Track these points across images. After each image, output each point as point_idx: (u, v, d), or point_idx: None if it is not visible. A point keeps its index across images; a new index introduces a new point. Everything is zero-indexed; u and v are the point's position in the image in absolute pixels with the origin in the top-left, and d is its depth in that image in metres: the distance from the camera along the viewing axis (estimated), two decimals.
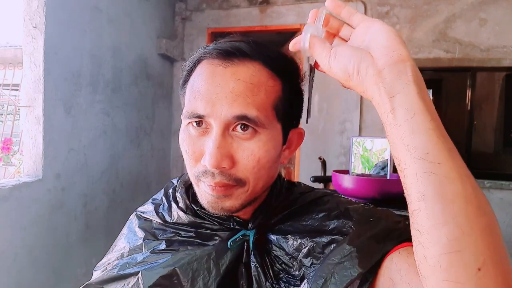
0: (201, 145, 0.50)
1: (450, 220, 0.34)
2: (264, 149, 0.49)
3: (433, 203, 0.34)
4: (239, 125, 0.48)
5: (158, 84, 3.06)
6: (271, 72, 0.51)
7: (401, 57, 0.39)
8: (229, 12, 3.26)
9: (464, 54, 2.79)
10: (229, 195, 0.51)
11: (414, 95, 0.37)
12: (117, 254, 0.60)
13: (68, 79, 1.99)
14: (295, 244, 0.52)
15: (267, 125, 0.49)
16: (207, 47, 0.53)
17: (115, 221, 2.47)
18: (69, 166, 2.02)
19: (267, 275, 0.52)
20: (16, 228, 1.70)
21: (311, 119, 0.50)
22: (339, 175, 1.65)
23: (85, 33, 2.11)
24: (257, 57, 0.51)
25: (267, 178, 0.53)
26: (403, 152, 0.37)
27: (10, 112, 4.33)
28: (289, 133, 0.56)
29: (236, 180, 0.50)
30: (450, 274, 0.33)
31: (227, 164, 0.48)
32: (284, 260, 0.53)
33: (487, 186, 2.73)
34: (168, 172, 3.36)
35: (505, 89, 3.38)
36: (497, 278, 0.33)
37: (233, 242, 0.54)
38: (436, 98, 4.20)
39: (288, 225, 0.55)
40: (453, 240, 0.33)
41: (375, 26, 0.41)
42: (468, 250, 0.33)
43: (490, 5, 2.73)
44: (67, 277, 2.04)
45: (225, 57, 0.50)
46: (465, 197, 0.34)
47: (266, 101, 0.50)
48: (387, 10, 2.93)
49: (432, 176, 0.35)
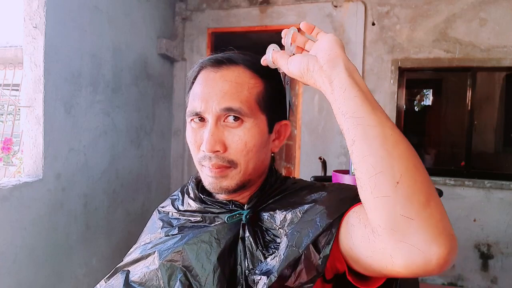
0: (201, 136, 0.63)
1: (373, 152, 0.45)
2: (249, 134, 0.62)
3: (359, 143, 0.47)
4: (228, 116, 0.61)
5: (158, 84, 3.07)
6: (253, 73, 0.64)
7: (336, 54, 0.53)
8: (229, 12, 3.26)
9: (464, 54, 2.79)
10: (224, 176, 0.63)
11: (345, 77, 0.50)
12: (141, 242, 0.73)
13: (68, 79, 1.99)
14: (281, 216, 0.62)
15: (251, 115, 0.62)
16: (204, 59, 0.67)
17: (115, 221, 2.47)
18: (69, 166, 2.02)
19: (258, 244, 0.61)
20: (17, 228, 1.70)
21: (311, 119, 0.59)
22: (339, 175, 1.65)
23: (85, 33, 2.11)
24: (241, 62, 0.64)
25: (256, 161, 0.64)
26: (340, 117, 0.50)
27: (11, 112, 4.34)
28: (276, 124, 0.68)
29: (229, 162, 0.62)
30: (378, 190, 0.44)
31: (220, 148, 0.61)
32: (273, 232, 0.62)
33: (487, 186, 2.73)
34: (168, 172, 3.36)
35: (505, 89, 3.38)
36: (413, 187, 0.43)
37: (230, 218, 0.64)
38: (436, 98, 4.19)
39: (277, 204, 0.65)
40: (375, 165, 0.45)
41: (324, 37, 0.56)
42: (387, 170, 0.44)
43: (490, 5, 2.73)
44: (67, 277, 2.04)
45: (216, 65, 0.64)
46: (384, 136, 0.46)
47: (249, 96, 0.62)
48: (387, 10, 2.93)
49: (358, 127, 0.47)
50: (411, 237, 0.42)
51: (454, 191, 2.79)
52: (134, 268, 0.67)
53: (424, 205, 0.42)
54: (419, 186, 0.43)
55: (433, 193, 0.44)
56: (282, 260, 0.54)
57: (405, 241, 0.42)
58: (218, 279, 0.58)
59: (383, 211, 0.44)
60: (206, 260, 0.60)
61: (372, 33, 2.96)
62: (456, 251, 0.42)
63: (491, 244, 2.76)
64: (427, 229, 0.42)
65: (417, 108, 4.44)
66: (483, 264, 2.79)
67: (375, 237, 0.45)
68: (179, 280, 0.60)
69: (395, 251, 0.43)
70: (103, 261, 2.34)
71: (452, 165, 3.29)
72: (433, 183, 0.46)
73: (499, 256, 2.76)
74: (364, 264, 0.50)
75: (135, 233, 0.82)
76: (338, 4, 3.00)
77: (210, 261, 0.60)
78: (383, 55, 2.93)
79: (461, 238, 2.78)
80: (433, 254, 0.41)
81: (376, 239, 0.45)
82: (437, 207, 0.43)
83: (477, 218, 2.77)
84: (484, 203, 2.75)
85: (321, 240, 0.53)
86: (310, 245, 0.53)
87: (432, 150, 3.74)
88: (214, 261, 0.60)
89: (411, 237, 0.42)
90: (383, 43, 2.93)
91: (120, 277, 0.67)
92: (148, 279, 0.63)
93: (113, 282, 0.67)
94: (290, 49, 0.61)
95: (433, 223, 0.42)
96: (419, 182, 0.44)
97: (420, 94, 4.41)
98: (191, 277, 0.60)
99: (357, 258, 0.51)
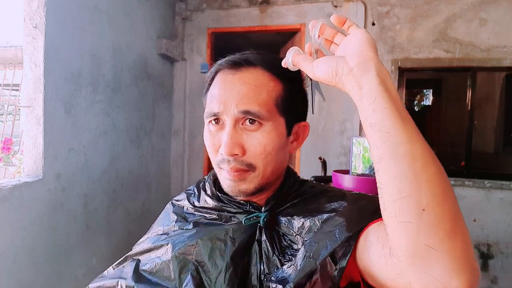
0: (219, 139, 0.62)
1: (400, 174, 0.43)
2: (268, 137, 0.61)
3: (386, 162, 0.44)
4: (246, 119, 0.60)
5: (158, 84, 3.06)
6: (272, 75, 0.62)
7: (367, 57, 0.48)
8: (229, 12, 3.26)
9: (464, 54, 2.79)
10: (243, 179, 0.62)
11: (376, 85, 0.46)
12: (153, 233, 0.73)
13: (68, 79, 1.99)
14: (299, 223, 0.62)
15: (269, 118, 0.60)
16: (221, 60, 0.65)
17: (115, 221, 2.47)
18: (69, 166, 2.02)
19: (274, 249, 0.61)
20: (17, 228, 1.70)
21: (312, 119, 0.56)
22: (339, 175, 1.65)
23: (85, 33, 2.11)
24: (260, 64, 0.62)
25: (275, 164, 0.63)
26: (367, 128, 0.47)
27: (10, 112, 4.34)
28: (294, 126, 0.66)
29: (248, 165, 0.61)
30: (402, 216, 0.42)
31: (238, 151, 0.60)
32: (290, 238, 0.62)
33: (487, 186, 2.73)
34: (168, 172, 3.36)
35: (505, 89, 3.38)
36: (440, 215, 0.41)
37: (247, 220, 0.63)
38: (436, 98, 4.19)
39: (295, 209, 0.65)
40: (402, 189, 0.42)
41: (356, 34, 0.52)
42: (414, 195, 0.41)
43: (490, 5, 2.73)
44: (67, 277, 2.04)
45: (234, 66, 0.63)
46: (413, 156, 0.43)
47: (268, 99, 0.61)
48: (387, 10, 2.93)
49: (386, 143, 0.44)
50: (433, 268, 0.40)
51: (454, 191, 2.79)
52: (145, 258, 0.67)
53: (449, 236, 0.40)
54: (446, 214, 0.41)
55: (460, 222, 0.42)
56: (299, 271, 0.54)
57: (426, 271, 0.41)
58: (230, 278, 0.58)
59: (406, 237, 0.42)
60: (219, 258, 0.60)
61: (372, 33, 2.95)
62: (478, 285, 0.41)
63: (491, 244, 2.76)
64: (450, 261, 0.40)
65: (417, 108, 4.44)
66: (483, 264, 2.79)
67: (393, 260, 0.44)
68: (190, 274, 0.60)
69: (414, 279, 0.42)
70: (103, 261, 2.34)
71: (452, 165, 3.29)
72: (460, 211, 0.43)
73: (499, 256, 2.76)
74: (380, 282, 0.49)
75: (135, 233, 0.82)
76: (338, 4, 3.00)
77: (223, 259, 0.60)
78: (383, 55, 2.93)
79: None
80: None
81: (394, 262, 0.44)
82: (463, 237, 0.41)
83: (477, 218, 2.77)
84: (484, 203, 2.75)
85: (338, 251, 0.52)
86: (328, 257, 0.52)
87: (432, 150, 3.74)
88: (228, 259, 0.60)
89: (433, 269, 0.40)
90: (383, 43, 2.93)
91: (130, 265, 0.67)
92: (159, 269, 0.63)
93: (123, 269, 0.68)
94: (318, 41, 0.57)
95: (457, 255, 0.40)
96: (447, 210, 0.41)
97: (420, 94, 4.41)
98: (203, 273, 0.60)
99: (373, 275, 0.50)
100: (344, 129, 3.01)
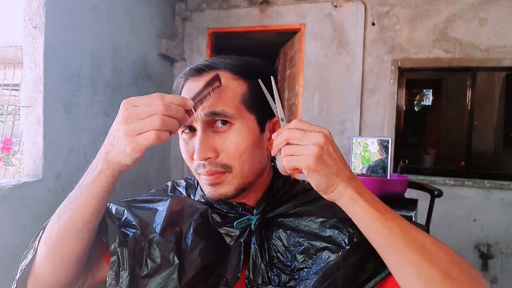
0: (192, 145, 0.62)
1: None
2: (239, 135, 0.60)
3: None
4: (217, 121, 0.60)
5: (158, 84, 3.07)
6: (234, 75, 0.63)
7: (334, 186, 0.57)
8: (229, 12, 3.26)
9: (464, 54, 2.79)
10: (221, 182, 0.61)
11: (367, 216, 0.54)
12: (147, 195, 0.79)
13: (68, 79, 1.99)
14: (293, 240, 0.62)
15: (238, 116, 0.60)
16: (186, 69, 0.66)
17: None
18: (69, 166, 2.02)
19: (263, 258, 0.61)
20: (16, 228, 1.70)
21: (311, 119, 0.55)
22: None
23: (85, 33, 2.11)
24: (222, 66, 0.63)
25: (252, 162, 0.62)
26: None
27: (10, 112, 4.33)
28: (267, 122, 0.66)
29: (223, 166, 0.61)
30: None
31: (211, 154, 0.60)
32: (280, 250, 0.63)
33: (487, 186, 2.73)
34: (168, 172, 3.36)
35: (505, 89, 3.38)
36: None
37: (239, 223, 0.64)
38: (436, 98, 4.19)
39: (290, 221, 0.65)
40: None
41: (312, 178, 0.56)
42: None
43: (490, 5, 2.73)
44: None
45: (197, 73, 0.63)
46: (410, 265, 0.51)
47: (233, 97, 0.61)
48: (387, 10, 2.93)
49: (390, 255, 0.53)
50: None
51: (454, 191, 2.79)
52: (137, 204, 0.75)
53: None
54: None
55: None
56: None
57: None
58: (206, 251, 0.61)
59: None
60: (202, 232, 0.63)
61: (372, 33, 2.96)
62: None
63: (491, 244, 2.76)
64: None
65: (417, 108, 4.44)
66: (483, 264, 2.79)
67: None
68: (175, 234, 0.62)
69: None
70: None
71: (452, 165, 3.29)
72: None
73: (499, 256, 2.76)
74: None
75: None
76: (338, 4, 3.00)
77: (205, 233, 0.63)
78: (383, 55, 2.93)
79: (461, 238, 2.79)
80: None
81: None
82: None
83: (477, 218, 2.77)
84: (484, 203, 2.75)
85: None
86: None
87: (432, 150, 3.74)
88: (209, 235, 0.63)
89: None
90: (383, 43, 2.93)
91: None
92: (147, 216, 0.67)
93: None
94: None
95: None
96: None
97: (420, 94, 4.41)
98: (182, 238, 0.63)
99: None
100: (344, 129, 3.01)
